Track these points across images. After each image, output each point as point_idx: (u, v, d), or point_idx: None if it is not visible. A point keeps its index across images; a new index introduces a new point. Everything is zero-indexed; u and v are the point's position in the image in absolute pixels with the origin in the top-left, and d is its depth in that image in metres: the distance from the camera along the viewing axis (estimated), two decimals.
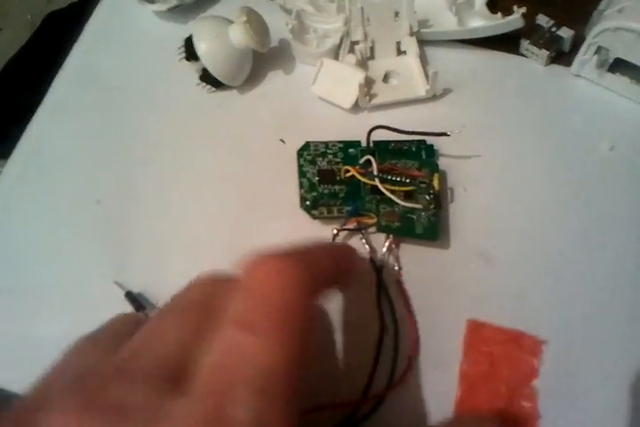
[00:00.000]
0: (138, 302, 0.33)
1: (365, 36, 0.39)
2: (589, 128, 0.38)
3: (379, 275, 0.33)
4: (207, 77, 0.39)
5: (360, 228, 0.34)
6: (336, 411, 0.30)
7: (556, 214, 0.35)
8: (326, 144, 0.36)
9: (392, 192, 0.33)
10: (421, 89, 0.38)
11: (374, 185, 0.33)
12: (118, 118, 0.40)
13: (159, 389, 0.19)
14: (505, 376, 0.31)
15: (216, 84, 0.39)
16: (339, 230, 0.34)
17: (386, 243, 0.34)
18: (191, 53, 0.38)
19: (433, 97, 0.38)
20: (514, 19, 0.37)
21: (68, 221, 0.37)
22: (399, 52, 0.40)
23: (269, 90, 0.40)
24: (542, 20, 0.39)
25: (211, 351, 0.19)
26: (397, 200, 0.33)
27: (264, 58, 0.40)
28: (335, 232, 0.34)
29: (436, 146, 0.37)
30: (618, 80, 0.38)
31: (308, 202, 0.35)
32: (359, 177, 0.34)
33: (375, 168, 0.33)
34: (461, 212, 0.36)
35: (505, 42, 0.39)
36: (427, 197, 0.33)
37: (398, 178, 0.34)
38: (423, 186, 0.34)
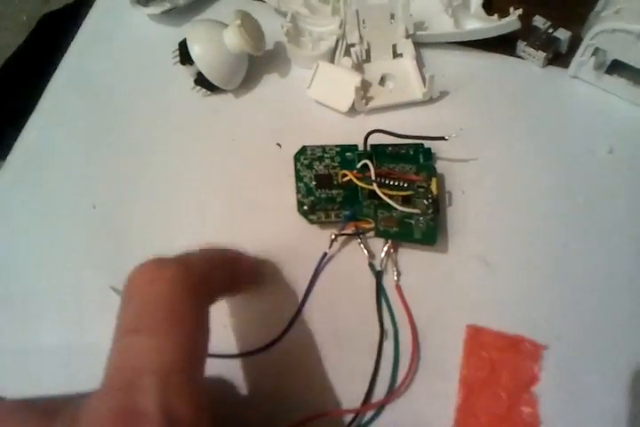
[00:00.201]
0: None
1: (361, 39, 0.39)
2: (587, 130, 0.37)
3: (378, 280, 0.33)
4: (202, 81, 0.38)
5: (358, 232, 0.34)
6: (338, 418, 0.30)
7: (555, 218, 0.35)
8: (323, 148, 0.36)
9: (390, 197, 0.33)
10: (418, 92, 0.38)
11: (372, 190, 0.33)
12: (113, 123, 0.40)
13: None
14: (505, 382, 0.31)
15: (211, 87, 0.39)
16: (337, 235, 0.33)
17: (384, 248, 0.33)
18: (185, 57, 0.37)
19: (430, 100, 0.38)
20: (510, 21, 0.37)
21: (64, 226, 0.37)
22: (395, 55, 0.40)
23: (265, 93, 0.40)
24: (539, 22, 0.39)
25: (110, 358, 0.21)
26: (395, 205, 0.32)
27: (259, 61, 0.40)
28: (333, 237, 0.33)
29: (434, 149, 0.37)
30: (615, 82, 0.38)
31: (306, 207, 0.34)
32: (357, 182, 0.34)
33: (373, 173, 0.33)
34: (460, 215, 0.35)
35: (502, 44, 0.39)
36: (425, 202, 0.33)
37: (396, 182, 0.34)
38: (421, 190, 0.34)
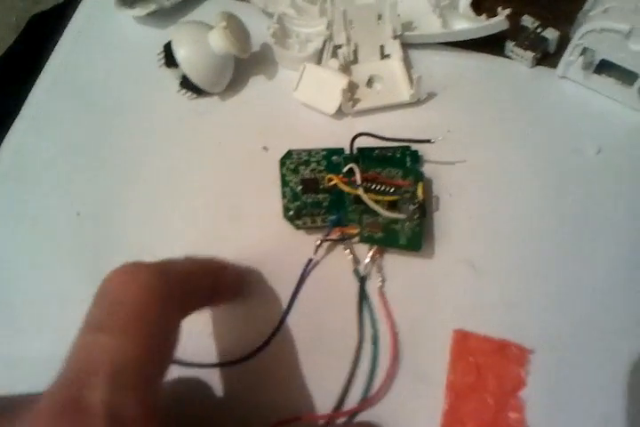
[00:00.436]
0: None
1: (348, 40, 0.38)
2: (576, 130, 0.37)
3: (361, 285, 0.33)
4: (187, 84, 0.38)
5: (344, 238, 0.34)
6: (311, 422, 0.30)
7: (543, 219, 0.35)
8: (309, 152, 0.35)
9: (376, 202, 0.32)
10: (405, 94, 0.37)
11: (358, 194, 0.33)
12: (98, 127, 0.39)
13: None
14: (492, 387, 0.31)
15: (197, 90, 0.38)
16: (322, 241, 0.33)
17: (369, 253, 0.33)
18: (170, 60, 0.37)
19: (417, 101, 0.38)
20: (498, 21, 0.37)
21: (48, 233, 0.37)
22: (383, 56, 0.39)
23: (252, 96, 0.39)
24: (527, 21, 0.39)
25: (68, 353, 0.22)
26: (380, 211, 0.32)
27: (246, 63, 0.39)
28: (318, 243, 0.33)
29: (421, 151, 0.36)
30: (604, 81, 0.37)
31: (292, 212, 0.34)
32: (342, 186, 0.33)
33: (358, 178, 0.33)
34: (447, 218, 0.35)
35: (490, 44, 0.39)
36: (411, 207, 0.33)
37: (382, 187, 0.33)
38: (407, 195, 0.33)
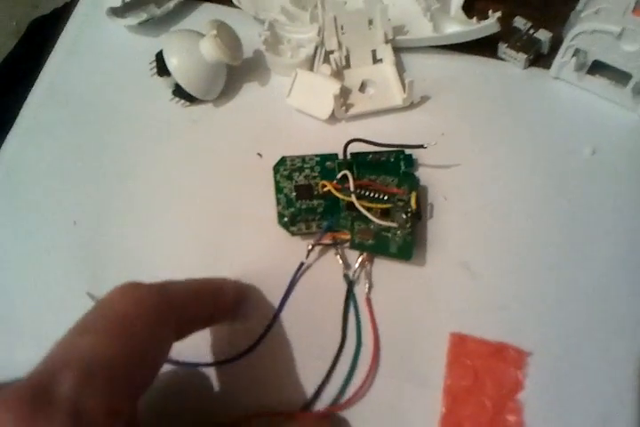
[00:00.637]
0: None
1: (340, 45, 0.38)
2: (570, 131, 0.37)
3: (349, 290, 0.33)
4: (180, 93, 0.38)
5: (335, 243, 0.34)
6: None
7: (539, 221, 0.35)
8: (303, 158, 0.35)
9: (369, 209, 0.32)
10: (398, 98, 0.37)
11: (351, 201, 0.33)
12: (92, 136, 0.39)
13: None
14: (489, 390, 0.31)
15: (190, 98, 0.38)
16: (313, 245, 0.33)
17: (359, 259, 0.33)
18: (162, 69, 0.37)
19: (411, 105, 0.38)
20: (489, 24, 0.37)
21: (44, 242, 0.37)
22: (375, 61, 0.39)
23: (245, 103, 0.39)
24: (519, 23, 0.39)
25: (49, 349, 0.23)
26: (373, 218, 0.32)
27: (238, 70, 0.39)
28: (310, 247, 0.33)
29: (416, 155, 0.36)
30: (597, 82, 0.37)
31: (286, 218, 0.34)
32: (335, 193, 0.33)
33: (352, 185, 0.33)
34: (442, 222, 0.35)
35: (482, 46, 0.39)
36: (403, 216, 0.33)
37: (376, 194, 0.33)
38: (400, 204, 0.33)
